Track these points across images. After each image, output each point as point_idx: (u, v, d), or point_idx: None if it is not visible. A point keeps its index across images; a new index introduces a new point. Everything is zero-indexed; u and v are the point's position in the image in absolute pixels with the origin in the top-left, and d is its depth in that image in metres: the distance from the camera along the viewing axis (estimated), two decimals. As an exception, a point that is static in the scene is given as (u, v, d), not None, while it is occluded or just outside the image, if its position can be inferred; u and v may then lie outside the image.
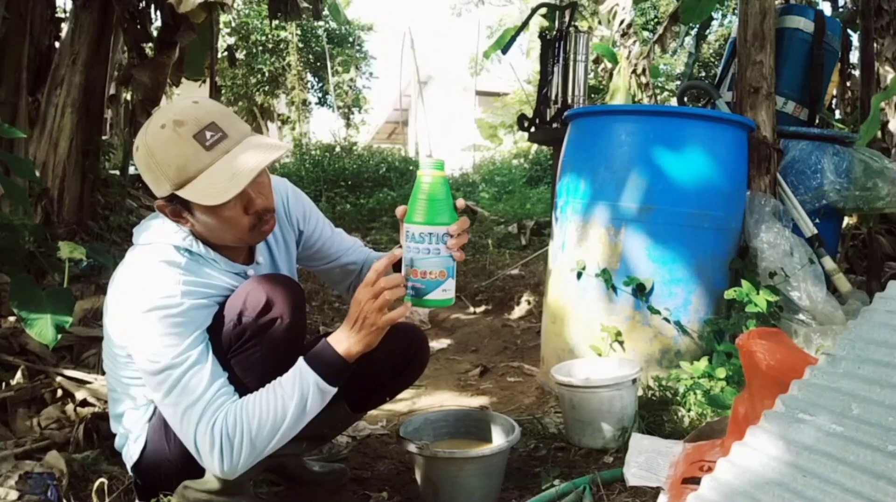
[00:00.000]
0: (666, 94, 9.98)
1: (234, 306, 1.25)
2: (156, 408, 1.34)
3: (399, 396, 1.84)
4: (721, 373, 1.92)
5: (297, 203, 1.52)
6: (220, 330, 1.24)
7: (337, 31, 14.17)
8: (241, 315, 1.24)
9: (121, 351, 1.31)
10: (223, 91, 10.35)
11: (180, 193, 1.18)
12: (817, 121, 2.85)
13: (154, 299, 1.19)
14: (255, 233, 1.29)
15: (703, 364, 1.99)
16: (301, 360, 1.24)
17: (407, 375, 1.65)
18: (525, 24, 4.81)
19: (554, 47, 3.58)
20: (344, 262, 1.61)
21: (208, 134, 1.18)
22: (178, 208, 1.24)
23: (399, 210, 1.24)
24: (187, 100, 1.24)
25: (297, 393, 1.21)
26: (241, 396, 1.22)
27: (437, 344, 3.37)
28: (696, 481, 1.16)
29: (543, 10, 4.40)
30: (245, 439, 1.17)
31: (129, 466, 1.40)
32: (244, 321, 1.24)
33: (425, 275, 1.17)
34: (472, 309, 3.90)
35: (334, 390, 1.25)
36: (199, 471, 1.32)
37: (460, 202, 1.25)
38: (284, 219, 1.49)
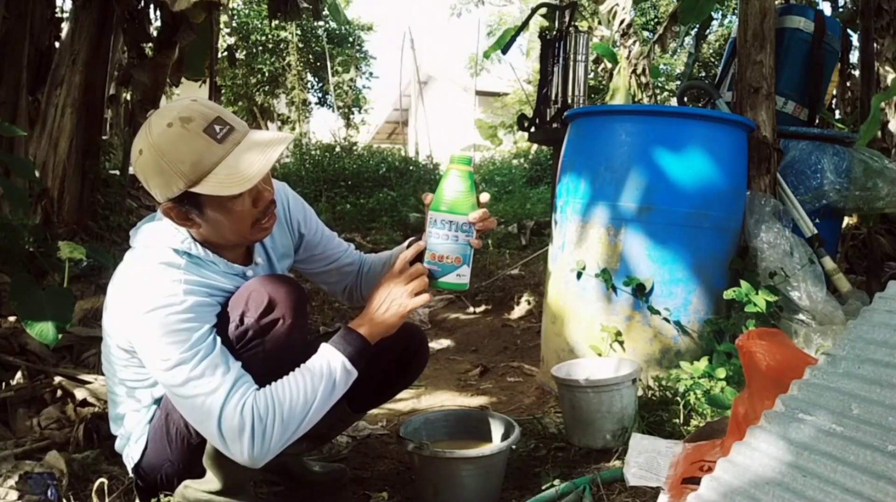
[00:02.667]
0: (666, 94, 9.97)
1: (237, 307, 1.25)
2: (156, 410, 1.34)
3: (399, 396, 1.84)
4: (721, 373, 1.92)
5: (297, 206, 1.53)
6: (223, 331, 1.24)
7: (337, 31, 14.14)
8: (244, 316, 1.24)
9: (120, 353, 1.30)
10: (223, 91, 10.35)
11: (197, 189, 1.17)
12: (817, 121, 2.85)
13: (157, 299, 1.18)
14: (258, 228, 1.29)
15: (703, 364, 1.99)
16: (325, 345, 1.27)
17: (407, 375, 1.65)
18: (525, 24, 4.81)
19: (554, 47, 3.58)
20: (342, 264, 1.61)
21: (217, 127, 1.18)
22: (186, 209, 1.23)
23: (427, 197, 1.32)
24: (184, 100, 1.23)
25: (325, 373, 1.23)
26: None
27: (437, 344, 3.37)
28: (696, 481, 1.16)
29: (543, 10, 4.40)
30: (277, 420, 1.17)
31: (129, 468, 1.40)
32: (246, 322, 1.23)
33: (442, 259, 1.27)
34: (472, 309, 3.91)
35: (357, 373, 1.27)
36: (200, 472, 1.32)
37: (484, 196, 1.31)
38: (284, 222, 1.49)
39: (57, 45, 4.15)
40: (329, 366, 1.24)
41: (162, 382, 1.23)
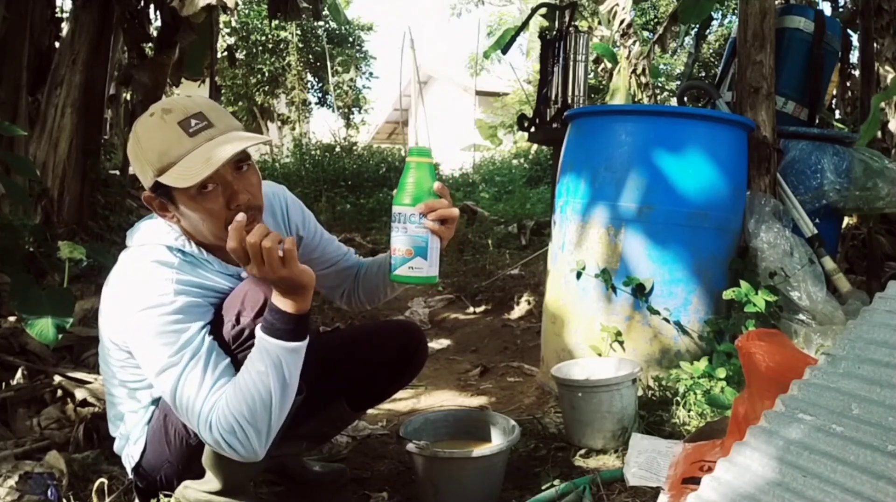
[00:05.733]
0: (666, 94, 9.97)
1: (233, 306, 1.25)
2: (154, 411, 1.34)
3: (399, 396, 1.83)
4: (721, 373, 1.92)
5: (295, 209, 1.52)
6: (219, 330, 1.24)
7: (337, 31, 14.15)
8: (240, 315, 1.23)
9: (117, 353, 1.30)
10: (223, 91, 10.35)
11: (161, 179, 1.18)
12: (817, 121, 2.85)
13: (148, 298, 1.19)
14: None
15: (703, 364, 1.99)
16: (258, 331, 1.19)
17: (406, 373, 1.65)
18: (525, 24, 4.82)
19: (554, 47, 3.59)
20: (341, 267, 1.61)
21: (193, 121, 1.19)
22: (163, 201, 1.24)
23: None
24: (181, 95, 1.25)
25: (269, 364, 1.16)
26: None
27: (437, 344, 3.37)
28: (696, 481, 1.16)
29: (543, 10, 4.40)
30: (245, 426, 1.15)
31: (128, 469, 1.40)
32: (242, 321, 1.23)
33: (395, 251, 1.25)
34: (472, 309, 3.90)
35: (303, 344, 1.20)
36: (199, 472, 1.32)
37: (437, 185, 1.26)
38: (283, 225, 1.49)
39: (57, 45, 4.15)
40: (270, 357, 1.16)
41: (154, 386, 1.24)
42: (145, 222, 1.33)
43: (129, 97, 5.61)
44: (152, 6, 4.44)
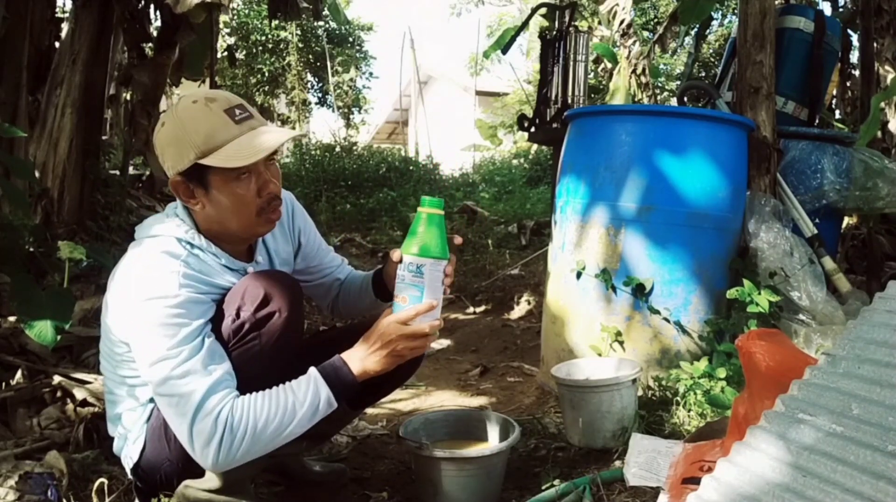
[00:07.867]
0: (666, 94, 9.97)
1: (233, 301, 1.27)
2: (153, 409, 1.34)
3: (399, 396, 1.83)
4: (721, 373, 1.92)
5: (300, 215, 1.57)
6: (219, 324, 1.26)
7: (337, 31, 14.15)
8: (240, 309, 1.25)
9: (119, 347, 1.31)
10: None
11: (205, 161, 1.23)
12: (817, 121, 2.85)
13: (152, 289, 1.20)
14: (261, 220, 1.32)
15: (703, 364, 1.99)
16: (316, 372, 1.26)
17: (404, 370, 1.65)
18: (525, 24, 4.82)
19: (554, 47, 3.58)
20: (335, 278, 1.65)
21: (237, 111, 1.27)
22: (193, 185, 1.27)
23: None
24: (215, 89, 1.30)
25: (308, 400, 1.22)
26: (241, 390, 1.23)
27: (436, 344, 3.37)
28: (696, 481, 1.16)
29: (543, 10, 4.40)
30: (248, 433, 1.18)
31: (128, 469, 1.40)
32: (242, 315, 1.25)
33: (403, 300, 1.29)
34: (472, 309, 3.90)
35: (336, 407, 1.27)
36: (199, 471, 1.32)
37: (458, 239, 1.33)
38: (287, 228, 1.52)
39: (57, 45, 4.14)
40: (315, 396, 1.23)
41: (144, 377, 1.24)
42: (155, 216, 1.37)
43: (129, 97, 5.60)
44: (152, 6, 4.44)
